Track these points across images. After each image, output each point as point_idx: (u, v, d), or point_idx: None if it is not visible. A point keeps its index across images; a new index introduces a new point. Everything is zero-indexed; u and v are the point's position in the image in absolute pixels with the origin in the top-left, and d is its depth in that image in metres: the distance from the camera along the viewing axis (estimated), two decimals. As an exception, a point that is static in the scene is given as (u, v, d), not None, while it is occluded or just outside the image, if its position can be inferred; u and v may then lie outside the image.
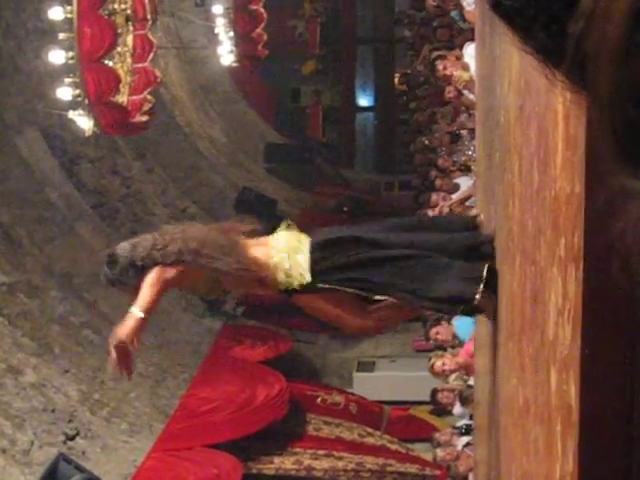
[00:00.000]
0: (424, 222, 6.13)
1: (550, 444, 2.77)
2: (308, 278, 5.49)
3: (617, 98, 0.64)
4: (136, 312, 5.21)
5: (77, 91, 11.70)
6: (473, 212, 5.76)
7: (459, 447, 10.80)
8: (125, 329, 5.16)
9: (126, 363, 5.22)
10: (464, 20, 12.56)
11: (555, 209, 2.65)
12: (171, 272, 5.35)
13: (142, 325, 5.21)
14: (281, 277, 5.51)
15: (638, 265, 0.67)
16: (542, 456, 3.02)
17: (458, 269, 5.39)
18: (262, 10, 18.79)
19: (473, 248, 5.58)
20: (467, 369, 10.21)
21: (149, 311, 5.24)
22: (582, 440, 2.26)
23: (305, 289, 5.54)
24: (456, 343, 10.97)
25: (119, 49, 12.59)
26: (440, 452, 11.06)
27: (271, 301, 13.93)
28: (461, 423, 11.14)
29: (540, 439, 3.06)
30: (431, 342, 11.23)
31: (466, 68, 11.08)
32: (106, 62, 12.30)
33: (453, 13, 13.73)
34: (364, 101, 28.50)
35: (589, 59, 0.66)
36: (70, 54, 11.56)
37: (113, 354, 5.13)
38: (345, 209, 21.93)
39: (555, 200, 2.65)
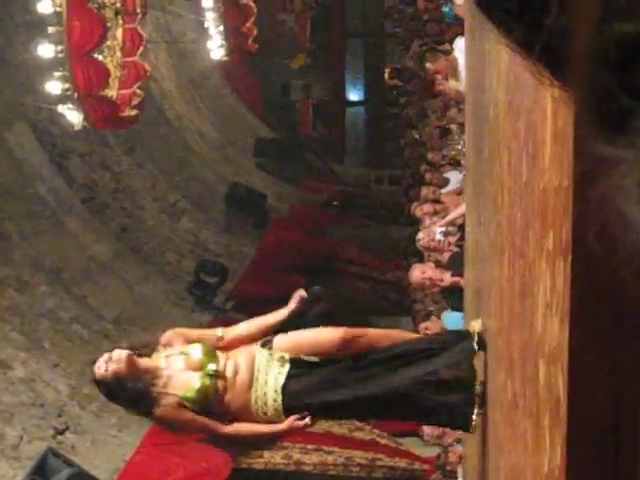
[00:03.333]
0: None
1: (538, 437, 2.77)
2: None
3: (594, 65, 0.64)
4: None
5: (66, 85, 11.67)
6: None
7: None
8: None
9: None
10: (455, 18, 12.57)
11: (543, 203, 2.66)
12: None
13: None
14: None
15: (615, 233, 0.67)
16: (530, 449, 3.02)
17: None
18: (252, 4, 18.77)
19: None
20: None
21: None
22: (570, 433, 2.26)
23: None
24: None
25: (108, 43, 12.56)
26: (427, 429, 11.18)
27: (260, 295, 13.94)
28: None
29: (528, 432, 3.07)
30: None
31: (455, 64, 11.07)
32: (95, 56, 12.27)
33: (444, 9, 13.75)
34: (354, 95, 28.49)
35: (567, 26, 0.66)
36: (59, 48, 11.53)
37: None
38: (335, 204, 21.95)
39: (543, 194, 2.65)
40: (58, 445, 10.97)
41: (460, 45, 10.83)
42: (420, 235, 10.78)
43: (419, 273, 9.73)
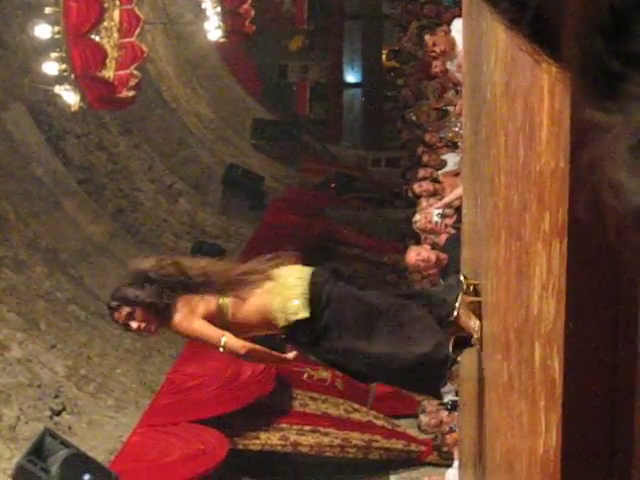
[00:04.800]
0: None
1: (534, 419, 2.78)
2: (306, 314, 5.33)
3: (586, 31, 0.64)
4: None
5: (63, 66, 11.64)
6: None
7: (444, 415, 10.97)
8: None
9: None
10: (454, 2, 12.56)
11: (540, 184, 2.65)
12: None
13: None
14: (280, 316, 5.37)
15: (606, 199, 0.66)
16: (526, 431, 3.03)
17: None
18: (249, -15, 18.73)
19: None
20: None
21: None
22: (565, 415, 2.26)
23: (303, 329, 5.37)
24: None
25: (105, 24, 12.53)
26: (424, 418, 11.19)
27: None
28: (447, 399, 11.19)
29: (524, 414, 3.07)
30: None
31: (453, 42, 11.05)
32: (92, 37, 12.24)
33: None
34: (351, 77, 28.45)
35: None
36: (56, 29, 11.50)
37: None
38: (332, 185, 21.95)
39: (540, 175, 2.65)
40: (55, 426, 10.97)
41: (458, 26, 10.80)
42: (417, 217, 10.78)
43: (414, 255, 9.72)
